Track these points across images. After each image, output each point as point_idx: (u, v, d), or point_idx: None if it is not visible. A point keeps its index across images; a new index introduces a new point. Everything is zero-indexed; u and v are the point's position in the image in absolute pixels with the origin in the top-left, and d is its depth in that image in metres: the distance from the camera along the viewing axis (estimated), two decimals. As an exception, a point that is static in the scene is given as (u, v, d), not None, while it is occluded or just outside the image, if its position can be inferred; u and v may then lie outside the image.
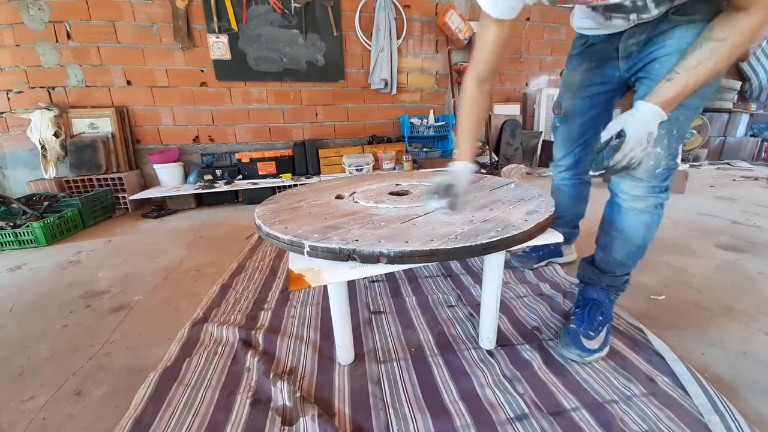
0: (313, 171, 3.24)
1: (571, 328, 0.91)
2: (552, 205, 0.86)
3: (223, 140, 3.24)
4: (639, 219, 0.89)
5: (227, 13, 2.91)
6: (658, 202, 0.87)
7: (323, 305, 1.17)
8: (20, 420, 0.78)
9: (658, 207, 0.88)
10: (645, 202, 0.87)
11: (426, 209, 0.87)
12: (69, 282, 1.49)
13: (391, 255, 0.63)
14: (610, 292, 0.98)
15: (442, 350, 0.94)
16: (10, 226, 1.96)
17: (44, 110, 2.66)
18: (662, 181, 0.84)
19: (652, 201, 0.86)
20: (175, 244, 1.93)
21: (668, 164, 0.82)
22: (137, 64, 2.88)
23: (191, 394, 0.82)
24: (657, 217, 0.88)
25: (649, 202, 0.86)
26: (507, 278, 1.33)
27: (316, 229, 0.74)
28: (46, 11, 2.63)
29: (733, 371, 0.84)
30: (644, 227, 0.89)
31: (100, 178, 2.74)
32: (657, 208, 0.88)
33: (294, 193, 1.14)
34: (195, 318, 1.13)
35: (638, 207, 0.88)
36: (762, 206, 2.25)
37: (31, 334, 1.12)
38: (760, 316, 1.05)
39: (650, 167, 0.82)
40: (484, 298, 0.92)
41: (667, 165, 0.82)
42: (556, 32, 3.86)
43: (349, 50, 3.31)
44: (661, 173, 0.83)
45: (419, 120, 3.53)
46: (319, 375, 0.87)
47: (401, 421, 0.72)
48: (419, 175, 1.33)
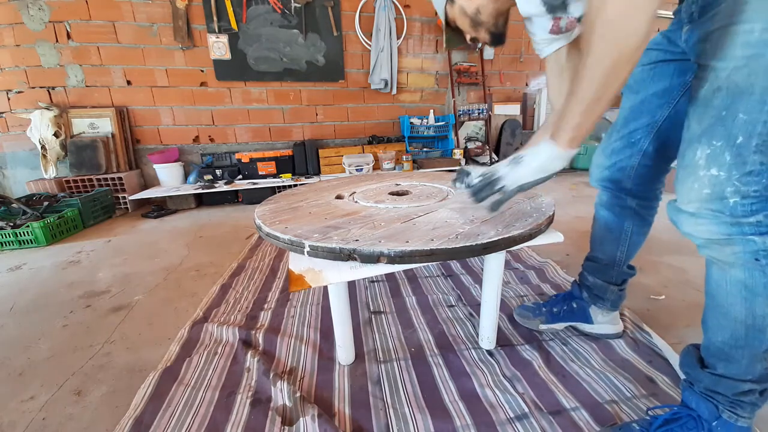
0: (313, 171, 3.23)
1: (631, 427, 0.65)
2: (552, 205, 0.86)
3: (223, 140, 3.24)
4: (727, 277, 0.58)
5: (227, 13, 2.91)
6: (751, 249, 0.54)
7: (323, 305, 1.17)
8: (20, 420, 0.78)
9: (760, 258, 0.54)
10: (727, 248, 0.56)
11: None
12: (69, 282, 1.49)
13: (391, 255, 0.63)
14: (720, 406, 0.61)
15: (442, 350, 0.94)
16: (10, 226, 1.96)
17: (44, 110, 2.66)
18: (744, 216, 0.53)
19: (739, 247, 0.55)
20: (175, 244, 1.93)
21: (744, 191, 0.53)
22: (137, 64, 2.88)
23: (191, 394, 0.82)
24: (760, 274, 0.55)
25: (735, 248, 0.55)
26: (507, 278, 1.33)
27: (316, 229, 0.74)
28: (46, 11, 2.63)
29: (733, 371, 0.83)
30: (741, 289, 0.57)
31: (100, 178, 2.74)
32: (758, 260, 0.54)
33: (294, 193, 1.14)
34: (195, 318, 1.13)
35: (719, 257, 0.58)
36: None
37: (31, 334, 1.12)
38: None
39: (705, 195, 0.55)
40: (485, 298, 0.92)
41: (744, 192, 0.53)
42: (556, 32, 3.85)
43: (349, 50, 3.31)
44: (738, 204, 0.53)
45: (419, 120, 3.53)
46: (319, 375, 0.87)
47: (401, 421, 0.72)
48: (419, 175, 1.33)
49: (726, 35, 0.52)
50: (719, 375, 0.61)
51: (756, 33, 0.49)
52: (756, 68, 0.50)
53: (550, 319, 0.99)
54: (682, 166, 0.59)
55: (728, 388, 0.60)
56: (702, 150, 0.55)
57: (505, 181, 0.66)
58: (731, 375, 0.60)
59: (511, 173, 0.66)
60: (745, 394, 0.59)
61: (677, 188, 0.60)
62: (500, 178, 0.66)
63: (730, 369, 0.60)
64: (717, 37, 0.54)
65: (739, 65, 0.51)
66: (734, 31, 0.51)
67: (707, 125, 0.55)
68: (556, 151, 0.62)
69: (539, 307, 1.01)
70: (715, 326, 0.62)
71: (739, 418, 0.60)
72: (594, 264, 0.94)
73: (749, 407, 0.60)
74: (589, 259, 0.96)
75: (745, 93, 0.51)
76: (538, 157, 0.64)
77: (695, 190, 0.56)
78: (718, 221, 0.55)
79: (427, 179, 1.24)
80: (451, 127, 3.58)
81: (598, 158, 0.86)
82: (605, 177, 0.85)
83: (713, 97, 0.54)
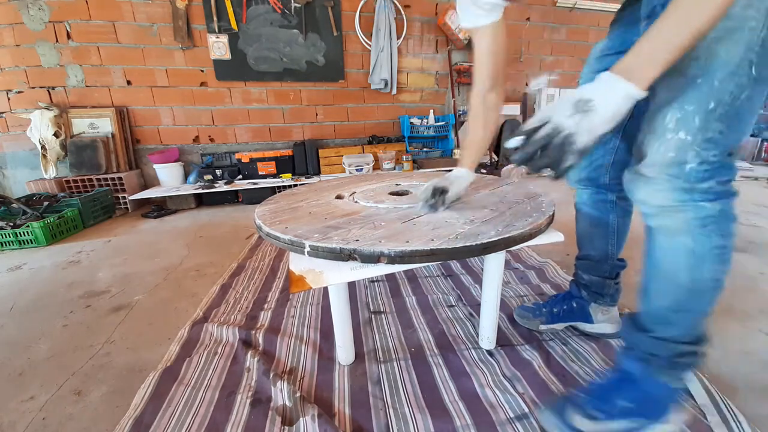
0: (313, 171, 3.24)
1: (572, 394, 0.68)
2: (552, 205, 0.86)
3: (223, 140, 3.24)
4: (675, 243, 0.59)
5: (227, 13, 2.91)
6: (701, 215, 0.56)
7: (323, 305, 1.17)
8: (20, 420, 0.78)
9: (708, 224, 0.56)
10: (678, 216, 0.57)
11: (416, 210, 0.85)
12: (69, 282, 1.49)
13: (391, 255, 0.63)
14: (653, 367, 0.63)
15: (442, 350, 0.94)
16: (10, 226, 1.96)
17: (44, 110, 2.66)
18: (697, 181, 0.55)
19: (690, 213, 0.56)
20: (175, 244, 1.93)
21: (704, 156, 0.54)
22: (137, 64, 2.88)
23: (191, 394, 0.82)
24: (706, 239, 0.56)
25: (686, 214, 0.56)
26: (507, 278, 1.33)
27: (316, 229, 0.74)
28: (46, 11, 2.63)
29: (733, 371, 0.84)
30: (688, 256, 0.58)
31: (100, 178, 2.74)
32: (706, 226, 0.56)
33: (294, 193, 1.14)
34: (195, 318, 1.13)
35: (669, 225, 0.59)
36: (762, 206, 2.25)
37: (31, 334, 1.12)
38: (760, 316, 1.05)
39: (669, 159, 0.55)
40: (485, 298, 0.92)
41: (702, 158, 0.54)
42: (556, 32, 3.86)
43: (349, 50, 3.31)
44: (694, 171, 0.54)
45: (419, 120, 3.53)
46: (319, 375, 0.87)
47: (401, 421, 0.72)
48: (419, 175, 1.33)
49: None
50: (658, 338, 0.63)
51: (737, 8, 0.49)
52: (737, 40, 0.50)
53: (549, 319, 0.99)
54: (650, 130, 0.58)
55: (666, 350, 0.62)
56: (673, 113, 0.55)
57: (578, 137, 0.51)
58: (670, 337, 0.62)
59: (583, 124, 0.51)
60: (682, 356, 0.62)
61: (642, 151, 0.59)
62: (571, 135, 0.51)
63: (669, 331, 0.62)
64: None
65: (720, 35, 0.51)
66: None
67: (679, 91, 0.55)
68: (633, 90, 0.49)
69: (539, 308, 1.01)
70: (657, 292, 0.63)
71: (672, 380, 0.63)
72: (587, 262, 0.95)
73: (684, 368, 0.63)
74: (581, 258, 0.97)
75: (722, 62, 0.52)
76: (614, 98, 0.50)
77: (660, 153, 0.56)
78: (673, 187, 0.56)
79: (428, 179, 1.24)
80: (451, 127, 3.58)
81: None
82: (583, 177, 0.89)
83: (688, 66, 0.54)
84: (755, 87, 0.52)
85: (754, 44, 0.50)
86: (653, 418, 0.63)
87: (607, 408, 0.63)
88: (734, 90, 0.52)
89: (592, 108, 0.50)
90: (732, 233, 0.57)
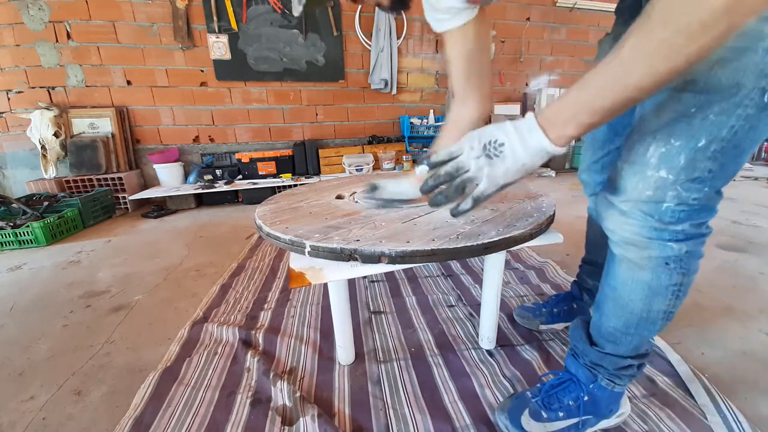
0: (313, 171, 3.23)
1: (523, 394, 0.71)
2: (553, 205, 0.86)
3: (223, 140, 3.24)
4: (634, 276, 0.57)
5: (227, 13, 2.91)
6: (665, 255, 0.52)
7: (323, 305, 1.17)
8: (20, 420, 0.78)
9: (671, 264, 0.53)
10: (642, 252, 0.54)
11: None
12: (69, 282, 1.49)
13: (392, 255, 0.63)
14: (598, 375, 0.65)
15: (442, 350, 0.94)
16: (10, 226, 1.96)
17: (44, 110, 2.66)
18: (671, 223, 0.50)
19: (655, 251, 0.52)
20: (175, 244, 1.93)
21: (684, 197, 0.48)
22: (137, 64, 2.88)
23: (191, 394, 0.82)
24: (666, 277, 0.54)
25: (651, 252, 0.53)
26: (507, 278, 1.33)
27: (317, 229, 0.74)
28: (46, 11, 2.63)
29: (733, 371, 0.84)
30: (643, 290, 0.56)
31: (100, 178, 2.73)
32: (668, 265, 0.53)
33: (294, 192, 1.14)
34: (195, 318, 1.13)
35: (632, 258, 0.56)
36: (762, 206, 2.25)
37: (31, 334, 1.12)
38: (760, 316, 1.05)
39: (645, 197, 0.50)
40: (485, 298, 0.92)
41: (682, 199, 0.48)
42: (556, 32, 3.86)
43: (349, 50, 3.31)
44: (671, 210, 0.49)
45: (419, 120, 3.53)
46: (319, 375, 0.87)
47: (401, 422, 0.72)
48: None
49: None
50: (605, 353, 0.64)
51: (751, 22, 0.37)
52: (747, 63, 0.41)
53: (549, 319, 0.99)
54: (628, 161, 0.52)
55: (611, 363, 0.64)
56: (656, 147, 0.48)
57: (480, 182, 0.49)
58: (616, 353, 0.63)
59: (488, 171, 0.48)
60: (625, 369, 0.63)
61: (618, 183, 0.54)
62: (472, 179, 0.50)
63: (616, 349, 0.63)
64: None
65: (727, 57, 0.42)
66: None
67: (668, 120, 0.47)
68: (547, 145, 0.45)
69: (539, 308, 1.01)
70: (610, 313, 0.63)
71: (615, 386, 0.65)
72: (592, 267, 0.94)
73: (627, 378, 0.65)
74: (587, 263, 0.96)
75: (725, 92, 0.43)
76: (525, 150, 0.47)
77: (638, 190, 0.51)
78: (644, 224, 0.51)
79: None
80: (451, 127, 3.58)
81: (589, 175, 0.85)
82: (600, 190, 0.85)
83: (683, 91, 0.46)
84: (762, 116, 0.43)
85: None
86: (598, 416, 0.67)
87: (554, 407, 0.66)
88: (736, 123, 0.44)
89: (500, 154, 0.47)
90: (694, 270, 0.55)
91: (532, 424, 0.66)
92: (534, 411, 0.66)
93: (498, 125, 0.49)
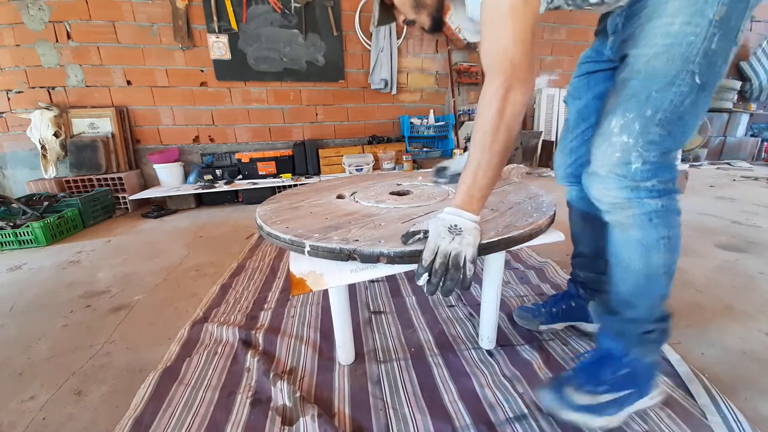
0: (313, 171, 3.24)
1: (563, 374, 0.74)
2: (553, 205, 0.86)
3: (223, 140, 3.24)
4: (627, 236, 0.66)
5: (227, 13, 2.91)
6: (646, 211, 0.63)
7: (323, 305, 1.17)
8: (20, 420, 0.78)
9: (653, 218, 0.63)
10: (626, 212, 0.64)
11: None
12: (69, 282, 1.49)
13: (391, 255, 0.63)
14: (626, 344, 0.70)
15: (442, 350, 0.94)
16: (10, 226, 1.96)
17: (44, 110, 2.66)
18: (641, 180, 0.62)
19: (636, 209, 0.63)
20: (175, 244, 1.93)
21: (645, 157, 0.61)
22: (137, 64, 2.88)
23: (191, 394, 0.82)
24: (653, 231, 0.63)
25: (633, 210, 0.63)
26: (507, 278, 1.33)
27: (316, 229, 0.74)
28: (46, 11, 2.63)
29: (733, 371, 0.84)
30: (638, 248, 0.65)
31: (100, 178, 2.74)
32: (651, 220, 0.63)
33: (295, 192, 1.14)
34: (195, 318, 1.13)
35: (620, 219, 0.66)
36: (762, 206, 2.25)
37: (31, 334, 1.12)
38: (760, 316, 1.05)
39: (615, 159, 0.62)
40: (485, 298, 0.92)
41: (645, 158, 0.61)
42: (556, 32, 3.86)
43: (349, 50, 3.31)
44: (639, 170, 0.61)
45: (419, 120, 3.53)
46: (319, 375, 0.87)
47: (401, 422, 0.72)
48: (420, 175, 1.33)
49: (646, 28, 0.60)
50: (626, 319, 0.71)
51: (676, 25, 0.56)
52: (674, 54, 0.57)
53: (549, 319, 0.99)
54: (599, 133, 0.66)
55: (634, 328, 0.70)
56: (617, 120, 0.63)
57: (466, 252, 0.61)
58: (636, 317, 0.70)
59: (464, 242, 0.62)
60: (649, 334, 0.69)
61: (594, 153, 0.67)
62: (459, 254, 0.61)
63: (635, 313, 0.70)
64: (638, 33, 0.62)
65: (659, 51, 0.59)
66: (655, 24, 0.59)
67: (623, 100, 0.63)
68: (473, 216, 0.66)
69: (538, 308, 1.02)
70: (619, 279, 0.71)
71: (646, 354, 0.70)
72: (582, 259, 0.97)
73: (653, 345, 0.71)
74: (576, 256, 0.99)
75: (661, 75, 0.59)
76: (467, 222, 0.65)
77: (608, 155, 0.63)
78: (621, 185, 0.63)
79: (428, 179, 1.24)
80: (451, 127, 3.58)
81: (560, 158, 0.93)
82: (569, 173, 0.92)
83: (632, 78, 0.62)
84: (700, 93, 0.59)
85: (693, 56, 0.57)
86: (637, 389, 0.69)
87: (595, 383, 0.69)
88: (674, 98, 0.59)
89: (461, 231, 0.63)
90: (676, 225, 0.65)
91: (577, 396, 0.68)
92: (577, 384, 0.69)
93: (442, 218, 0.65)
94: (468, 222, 0.64)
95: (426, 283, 0.61)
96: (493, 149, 0.63)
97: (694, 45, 0.56)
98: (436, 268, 0.60)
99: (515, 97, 0.61)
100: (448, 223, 0.64)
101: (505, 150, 0.64)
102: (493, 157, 0.63)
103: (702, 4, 0.55)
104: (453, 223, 0.64)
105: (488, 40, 0.62)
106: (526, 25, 0.59)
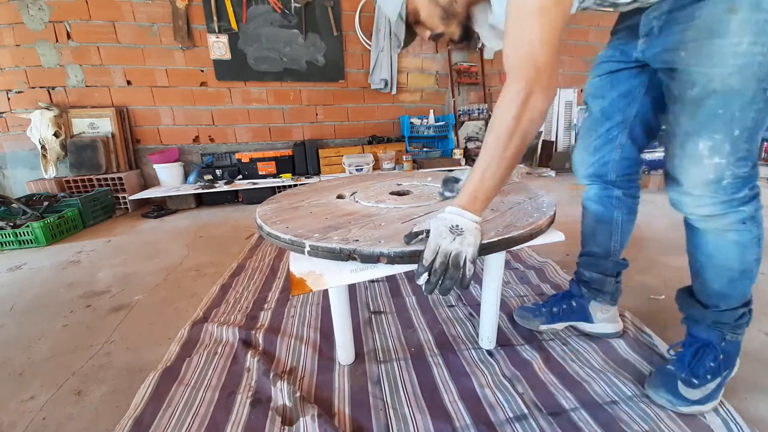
0: (313, 171, 3.24)
1: (667, 369, 0.77)
2: (553, 205, 0.86)
3: (223, 140, 3.24)
4: (725, 240, 0.71)
5: (227, 13, 2.91)
6: (741, 218, 0.68)
7: (323, 305, 1.17)
8: (20, 420, 0.78)
9: (747, 222, 0.69)
10: (722, 220, 0.69)
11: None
12: (69, 282, 1.49)
13: (391, 255, 0.63)
14: (724, 331, 0.76)
15: (442, 350, 0.94)
16: (10, 226, 1.96)
17: (44, 110, 2.66)
18: (734, 193, 0.66)
19: (732, 218, 0.68)
20: (175, 244, 1.93)
21: (737, 173, 0.64)
22: (137, 64, 2.88)
23: (191, 394, 0.82)
24: (747, 233, 0.69)
25: (729, 219, 0.68)
26: (507, 278, 1.33)
27: (316, 229, 0.74)
28: (46, 11, 2.63)
29: (734, 371, 0.84)
30: (736, 247, 0.71)
31: (100, 178, 2.74)
32: (745, 224, 0.69)
33: (295, 192, 1.14)
34: (195, 318, 1.13)
35: (716, 227, 0.71)
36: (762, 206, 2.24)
37: (31, 334, 1.12)
38: (760, 316, 1.05)
39: (709, 180, 0.65)
40: (485, 298, 0.92)
41: (736, 174, 0.64)
42: (556, 32, 3.85)
43: (349, 50, 3.31)
44: (730, 185, 0.65)
45: (419, 120, 3.53)
46: (319, 375, 0.87)
47: (401, 422, 0.72)
48: (420, 175, 1.33)
49: (712, 46, 0.60)
50: (722, 310, 0.75)
51: (744, 45, 0.58)
52: (748, 75, 0.59)
53: (549, 319, 0.99)
54: (685, 156, 0.68)
55: (730, 317, 0.75)
56: (704, 143, 0.64)
57: (467, 252, 0.61)
58: (730, 307, 0.75)
59: (465, 242, 0.61)
60: (741, 317, 0.75)
61: (681, 176, 0.69)
62: (460, 253, 0.60)
63: (730, 303, 0.75)
64: (698, 48, 0.62)
65: (733, 72, 0.59)
66: (721, 44, 0.59)
67: (704, 121, 0.64)
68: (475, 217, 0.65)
69: (539, 308, 1.02)
70: (712, 278, 0.75)
71: (738, 336, 0.76)
72: (589, 258, 0.97)
73: (744, 326, 0.77)
74: (584, 255, 0.98)
75: (738, 95, 0.60)
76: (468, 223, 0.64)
77: (701, 176, 0.66)
78: (715, 201, 0.67)
79: (428, 180, 1.24)
80: (451, 127, 3.58)
81: (582, 157, 0.92)
82: (591, 173, 0.91)
83: (707, 98, 0.63)
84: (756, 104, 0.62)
85: (764, 75, 0.59)
86: (731, 367, 0.77)
87: (700, 372, 0.73)
88: (755, 116, 0.61)
89: (462, 231, 0.62)
90: (762, 220, 0.70)
91: (691, 393, 0.72)
92: (687, 381, 0.73)
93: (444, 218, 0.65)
94: (469, 222, 0.64)
95: (425, 282, 0.61)
96: (504, 154, 0.62)
97: (764, 64, 0.58)
98: (436, 267, 0.60)
99: (536, 103, 0.60)
100: (449, 223, 0.63)
101: (516, 156, 0.63)
102: (503, 162, 0.62)
103: (764, 23, 0.56)
104: (455, 223, 0.63)
105: (512, 39, 0.60)
106: (555, 25, 0.57)
